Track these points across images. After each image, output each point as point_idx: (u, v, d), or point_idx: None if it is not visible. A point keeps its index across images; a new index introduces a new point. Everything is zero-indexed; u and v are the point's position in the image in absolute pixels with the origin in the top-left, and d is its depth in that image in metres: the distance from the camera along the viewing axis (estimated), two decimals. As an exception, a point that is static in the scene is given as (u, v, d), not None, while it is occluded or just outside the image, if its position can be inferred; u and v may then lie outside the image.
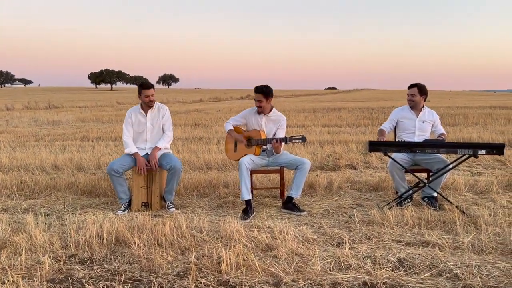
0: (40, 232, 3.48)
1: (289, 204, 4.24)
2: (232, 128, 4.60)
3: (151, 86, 4.49)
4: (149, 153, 4.47)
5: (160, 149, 4.45)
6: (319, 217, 4.03)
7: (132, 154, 4.41)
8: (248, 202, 4.16)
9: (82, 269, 2.92)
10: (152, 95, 4.48)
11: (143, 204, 4.41)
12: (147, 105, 4.48)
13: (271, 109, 4.49)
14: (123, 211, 4.32)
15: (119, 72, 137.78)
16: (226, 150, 4.69)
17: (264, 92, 4.33)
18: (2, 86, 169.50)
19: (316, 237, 3.45)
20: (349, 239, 3.38)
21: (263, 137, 4.36)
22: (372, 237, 3.43)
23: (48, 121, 15.16)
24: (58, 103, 28.03)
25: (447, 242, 3.26)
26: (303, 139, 4.12)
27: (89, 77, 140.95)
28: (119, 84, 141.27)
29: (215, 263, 2.92)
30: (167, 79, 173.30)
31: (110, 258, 3.09)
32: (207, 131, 11.28)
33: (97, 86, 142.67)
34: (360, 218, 3.89)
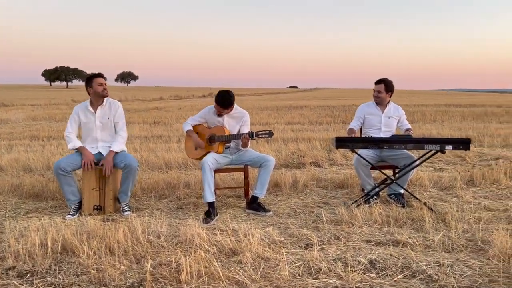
0: (-27, 242, 3.07)
1: (254, 204, 4.02)
2: (191, 128, 4.32)
3: (101, 74, 4.16)
4: (101, 152, 4.11)
5: (117, 153, 4.10)
6: (285, 217, 3.84)
7: (77, 149, 4.04)
8: (211, 204, 3.90)
9: (21, 284, 2.57)
10: (105, 84, 4.14)
11: (95, 207, 4.06)
12: (101, 95, 4.11)
13: (232, 108, 4.25)
14: (73, 215, 3.94)
15: (75, 70, 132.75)
16: (186, 149, 4.40)
17: (226, 106, 4.09)
18: None
19: (283, 239, 3.25)
20: (317, 240, 3.20)
21: (226, 134, 4.11)
22: (341, 237, 3.27)
23: (-4, 120, 14.18)
24: (8, 101, 26.48)
25: (417, 241, 3.14)
26: (270, 134, 3.92)
27: (43, 75, 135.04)
28: (76, 82, 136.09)
29: (173, 272, 2.65)
30: (126, 77, 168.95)
31: (55, 270, 2.75)
32: (167, 129, 10.88)
33: (52, 83, 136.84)
34: (327, 217, 3.73)
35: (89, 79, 4.13)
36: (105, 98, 4.17)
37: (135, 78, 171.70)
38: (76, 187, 4.06)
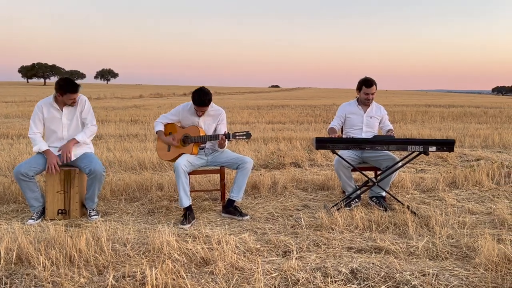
0: None
1: (230, 208, 3.81)
2: (162, 128, 4.07)
3: (77, 89, 3.73)
4: (65, 151, 3.82)
5: (78, 142, 3.79)
6: (263, 222, 3.64)
7: (43, 152, 3.74)
8: (188, 208, 3.67)
9: (-35, 301, 2.30)
10: (77, 97, 3.81)
11: (60, 211, 3.78)
12: (70, 105, 3.81)
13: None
14: (35, 220, 3.66)
15: (53, 66, 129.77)
16: (158, 149, 4.15)
17: (207, 104, 3.84)
18: None
19: (259, 246, 3.04)
20: (296, 247, 3.01)
21: (202, 134, 3.88)
22: (321, 244, 3.08)
23: (-35, 117, 13.58)
24: (-19, 97, 25.60)
25: (400, 248, 2.98)
26: (248, 135, 3.70)
27: (19, 71, 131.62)
28: (53, 79, 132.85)
29: (138, 285, 2.41)
30: (106, 74, 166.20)
31: (6, 283, 2.48)
32: (144, 128, 10.56)
33: (29, 80, 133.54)
34: (307, 221, 3.55)
35: (63, 89, 3.69)
36: None
37: (115, 75, 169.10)
38: (40, 192, 3.76)
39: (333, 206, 3.92)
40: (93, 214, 3.79)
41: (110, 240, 3.03)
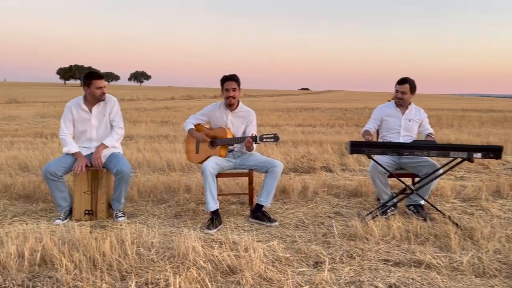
0: None
1: (258, 213, 3.66)
2: (193, 127, 3.97)
3: (102, 76, 3.81)
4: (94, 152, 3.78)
5: (107, 147, 3.76)
6: (292, 229, 3.46)
7: (72, 154, 3.71)
8: (215, 212, 3.55)
9: (-14, 303, 2.25)
10: (104, 87, 3.80)
11: (87, 212, 3.73)
12: (97, 99, 3.78)
13: (238, 104, 3.90)
14: (62, 220, 3.62)
15: (89, 68, 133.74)
16: (187, 152, 4.05)
17: (236, 79, 3.80)
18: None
19: (289, 255, 2.88)
20: (328, 257, 2.82)
21: (229, 136, 3.76)
22: (355, 255, 2.89)
23: (4, 116, 14.07)
24: (21, 97, 26.56)
25: (442, 262, 2.75)
26: (276, 138, 3.55)
27: (57, 73, 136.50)
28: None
29: (161, 294, 2.30)
30: (139, 76, 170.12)
31: (28, 286, 2.43)
32: (174, 129, 10.58)
33: (66, 82, 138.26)
34: (339, 230, 3.35)
35: (88, 78, 3.73)
36: None
37: (148, 77, 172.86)
38: (68, 192, 3.74)
39: (367, 214, 3.70)
40: (119, 215, 3.72)
41: (135, 243, 2.94)
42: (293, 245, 3.09)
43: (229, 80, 3.77)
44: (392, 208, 3.81)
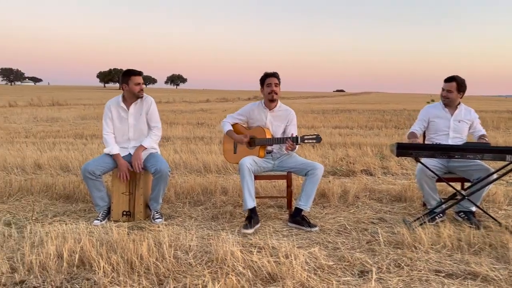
0: (-14, 249, 2.80)
1: (298, 218, 3.52)
2: (230, 127, 3.89)
3: (140, 72, 3.79)
4: (132, 153, 3.76)
5: (146, 148, 3.74)
6: (334, 235, 3.30)
7: (113, 155, 3.71)
8: (252, 210, 3.45)
9: (26, 304, 2.23)
10: (143, 83, 3.79)
11: (125, 213, 3.72)
12: (135, 96, 3.76)
13: (277, 103, 3.80)
14: (101, 221, 3.62)
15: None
16: (224, 151, 3.97)
17: (277, 76, 3.76)
18: (12, 83, 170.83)
19: (332, 263, 2.72)
20: (374, 266, 2.65)
21: (268, 136, 3.65)
22: (403, 264, 2.70)
23: (48, 118, 14.59)
24: (63, 100, 27.56)
25: (501, 275, 2.52)
26: (318, 139, 3.40)
27: (98, 76, 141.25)
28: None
29: (199, 300, 2.21)
30: (175, 79, 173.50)
31: (66, 287, 2.40)
32: (209, 131, 10.59)
33: (106, 85, 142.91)
34: (385, 237, 3.16)
35: (126, 75, 3.74)
36: None
37: (184, 80, 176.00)
38: (105, 192, 3.74)
39: (414, 221, 3.48)
40: (157, 217, 3.68)
41: (172, 246, 2.87)
42: (335, 252, 2.93)
43: (271, 76, 3.74)
44: (440, 214, 3.57)
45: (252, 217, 3.41)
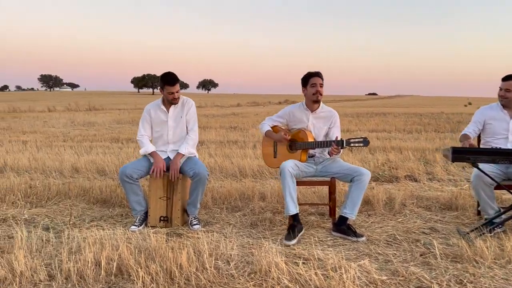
0: (25, 254, 2.74)
1: (343, 227, 3.31)
2: (270, 129, 3.73)
3: (176, 81, 3.64)
4: (171, 157, 3.67)
5: (184, 155, 3.64)
6: (383, 246, 3.07)
7: (149, 154, 3.63)
8: (295, 217, 3.27)
9: (64, 314, 2.14)
10: (177, 92, 3.67)
11: (162, 218, 3.62)
12: (170, 103, 3.70)
13: (319, 105, 3.61)
14: (138, 226, 3.53)
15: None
16: (264, 155, 3.81)
17: (322, 76, 3.55)
18: (51, 89, 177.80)
19: (385, 277, 2.51)
20: (434, 283, 2.41)
21: (310, 140, 3.46)
22: (465, 281, 2.45)
23: (84, 122, 14.91)
24: (99, 105, 28.26)
25: None
26: (365, 142, 3.19)
27: (132, 82, 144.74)
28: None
29: (244, 317, 2.05)
30: (207, 84, 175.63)
31: (104, 298, 2.30)
32: (243, 135, 10.48)
33: (140, 90, 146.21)
34: (440, 249, 2.90)
35: (161, 82, 3.63)
36: None
37: (215, 85, 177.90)
38: (143, 196, 3.65)
39: (470, 232, 3.21)
40: (194, 222, 3.56)
41: (213, 256, 2.73)
42: (387, 265, 2.71)
43: (316, 76, 3.53)
44: (499, 225, 3.28)
45: (294, 225, 3.23)
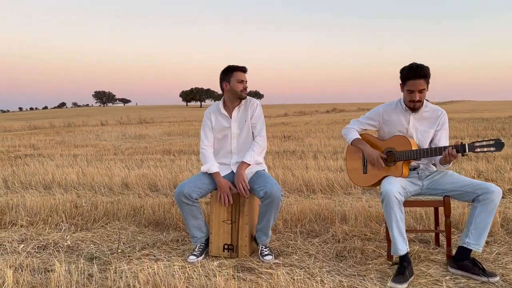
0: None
1: (466, 262, 2.48)
2: (358, 136, 2.96)
3: (245, 68, 3.04)
4: (235, 171, 3.01)
5: (249, 165, 2.96)
6: (531, 292, 2.23)
7: (211, 174, 2.99)
8: (405, 258, 2.48)
9: None
10: (246, 82, 3.04)
11: (226, 246, 2.95)
12: (238, 96, 3.04)
13: (422, 105, 2.80)
14: (197, 256, 2.88)
15: (208, 90, 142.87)
16: (350, 171, 3.00)
17: (425, 75, 2.63)
18: (105, 105, 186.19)
19: None
20: None
21: (413, 148, 2.67)
22: None
23: (136, 135, 14.79)
24: (149, 118, 28.59)
25: None
26: (498, 145, 2.38)
27: (180, 95, 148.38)
28: (208, 102, 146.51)
29: None
30: (253, 96, 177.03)
31: None
32: (299, 144, 9.74)
33: (188, 103, 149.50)
34: None
35: (227, 71, 3.03)
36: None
37: (260, 96, 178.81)
38: (203, 220, 3.00)
39: None
40: (266, 252, 2.87)
41: (302, 306, 2.02)
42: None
43: (414, 78, 2.62)
44: None
45: (405, 266, 2.43)
